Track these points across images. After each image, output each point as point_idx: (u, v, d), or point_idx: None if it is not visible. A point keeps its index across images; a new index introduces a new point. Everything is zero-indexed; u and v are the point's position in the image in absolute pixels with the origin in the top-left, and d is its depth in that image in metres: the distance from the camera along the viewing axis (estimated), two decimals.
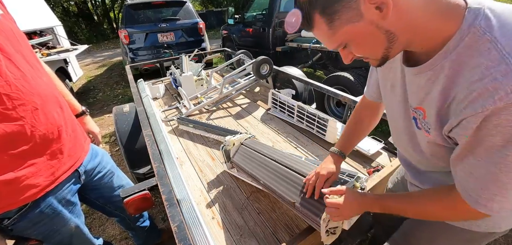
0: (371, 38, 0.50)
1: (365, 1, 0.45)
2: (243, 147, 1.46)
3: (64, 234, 1.05)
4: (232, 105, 2.67)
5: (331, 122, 1.84)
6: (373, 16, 0.46)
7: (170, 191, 1.09)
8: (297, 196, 0.94)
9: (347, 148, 0.98)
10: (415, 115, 0.62)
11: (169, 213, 0.98)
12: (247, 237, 1.20)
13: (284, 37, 4.12)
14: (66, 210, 1.02)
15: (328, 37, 0.54)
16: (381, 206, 0.72)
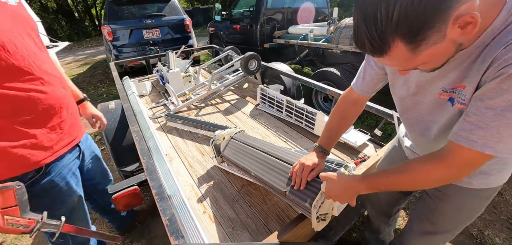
0: (445, 52, 0.50)
1: (454, 24, 0.44)
2: (233, 141, 1.46)
3: (68, 205, 1.10)
4: (221, 101, 2.66)
5: (319, 116, 1.88)
6: (455, 35, 0.46)
7: (160, 185, 1.08)
8: (288, 186, 0.96)
9: (330, 144, 0.99)
10: (452, 94, 0.63)
11: (159, 207, 0.97)
12: (239, 229, 1.21)
13: (271, 33, 4.14)
14: (72, 181, 1.09)
15: (406, 61, 0.51)
16: (372, 185, 0.73)
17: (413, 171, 0.65)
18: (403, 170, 0.67)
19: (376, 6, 0.44)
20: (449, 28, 0.44)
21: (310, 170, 0.90)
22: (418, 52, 0.48)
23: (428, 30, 0.44)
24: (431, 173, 0.63)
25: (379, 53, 0.50)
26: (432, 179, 0.64)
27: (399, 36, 0.45)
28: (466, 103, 0.59)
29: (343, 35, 2.90)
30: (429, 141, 0.78)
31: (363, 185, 0.74)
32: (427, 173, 0.63)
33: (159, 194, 1.04)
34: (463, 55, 0.56)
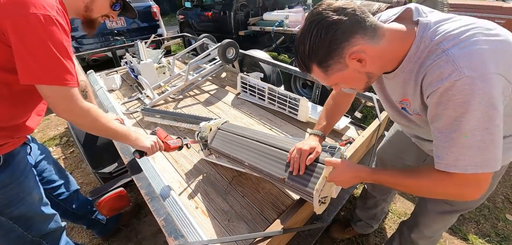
0: (355, 79, 0.69)
1: (349, 58, 0.62)
2: (220, 132, 1.41)
3: (28, 205, 1.00)
4: (200, 92, 2.55)
5: (303, 101, 1.90)
6: (355, 66, 0.64)
7: (149, 184, 1.01)
8: (286, 172, 0.95)
9: (327, 130, 1.06)
10: (403, 105, 0.76)
11: (152, 207, 0.91)
12: (235, 220, 1.19)
13: (246, 21, 4.04)
14: (31, 177, 1.02)
15: (323, 79, 0.71)
16: (375, 179, 0.79)
17: (420, 182, 0.70)
18: (411, 177, 0.72)
19: (301, 42, 0.65)
20: (348, 61, 0.63)
21: (308, 155, 0.90)
22: (329, 75, 0.67)
23: (330, 60, 0.64)
24: (437, 191, 0.70)
25: (307, 71, 0.70)
26: (436, 192, 0.70)
27: (313, 62, 0.66)
28: (420, 113, 0.71)
29: None
30: (418, 129, 0.86)
31: (370, 177, 0.80)
32: (431, 187, 0.68)
33: (149, 194, 0.97)
34: (398, 77, 0.70)
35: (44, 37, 0.70)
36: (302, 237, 1.19)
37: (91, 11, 0.93)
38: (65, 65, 0.76)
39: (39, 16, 0.69)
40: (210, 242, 0.86)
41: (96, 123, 0.91)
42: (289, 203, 1.28)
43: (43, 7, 0.70)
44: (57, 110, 0.82)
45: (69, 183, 1.40)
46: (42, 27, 0.69)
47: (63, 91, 0.78)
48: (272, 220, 1.20)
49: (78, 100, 0.83)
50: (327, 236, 1.70)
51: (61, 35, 0.75)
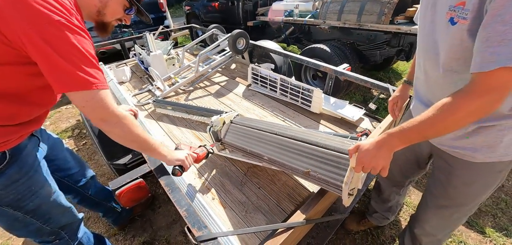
0: None
1: None
2: (234, 125, 1.39)
3: (42, 198, 0.99)
4: (210, 83, 2.53)
5: (316, 92, 1.86)
6: None
7: (169, 176, 1.00)
8: (310, 165, 0.93)
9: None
10: (453, 13, 0.67)
11: (173, 198, 0.90)
12: (252, 212, 1.18)
13: (254, 11, 3.97)
14: (42, 170, 1.00)
15: None
16: (405, 136, 0.69)
17: (444, 111, 0.62)
18: (434, 113, 0.64)
19: None
20: None
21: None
22: None
23: None
24: (463, 108, 0.61)
25: None
26: (464, 113, 0.61)
27: None
28: (468, 18, 0.63)
29: (330, 10, 2.86)
30: (438, 75, 0.79)
31: (396, 138, 0.70)
32: (458, 109, 0.61)
33: (169, 185, 0.97)
34: None
35: (72, 43, 0.68)
36: (321, 228, 1.19)
37: (103, 15, 0.90)
38: (95, 68, 0.74)
39: (63, 23, 0.66)
40: (234, 233, 0.86)
41: (130, 132, 0.89)
42: (306, 195, 1.27)
43: (64, 14, 0.68)
44: (93, 117, 0.80)
45: (85, 170, 1.42)
46: (68, 33, 0.67)
47: (96, 95, 0.76)
48: (290, 211, 1.19)
49: (113, 105, 0.82)
50: (342, 228, 1.69)
51: (86, 40, 0.72)
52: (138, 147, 0.95)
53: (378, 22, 2.49)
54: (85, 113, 0.80)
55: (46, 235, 1.07)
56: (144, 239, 1.63)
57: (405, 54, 2.54)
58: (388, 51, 2.67)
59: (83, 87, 0.72)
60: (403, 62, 4.28)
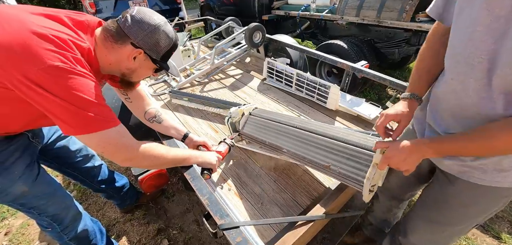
0: None
1: None
2: (252, 117, 1.40)
3: (17, 196, 0.95)
4: (225, 76, 2.54)
5: (333, 89, 1.84)
6: None
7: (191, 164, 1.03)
8: (330, 159, 0.93)
9: (422, 88, 0.81)
10: None
11: (195, 186, 0.92)
12: (267, 204, 1.19)
13: (270, 4, 3.94)
14: (16, 168, 0.92)
15: None
16: (441, 149, 0.67)
17: (494, 138, 0.57)
18: (480, 135, 0.60)
19: None
20: None
21: (391, 120, 0.80)
22: None
23: None
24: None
25: None
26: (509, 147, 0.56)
27: None
28: None
29: (349, 5, 2.80)
30: (485, 98, 0.60)
31: (431, 149, 0.67)
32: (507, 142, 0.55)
33: (191, 173, 0.99)
34: None
35: (68, 87, 0.65)
36: (336, 224, 1.19)
37: (130, 77, 0.90)
38: (97, 109, 0.71)
39: (56, 66, 0.63)
40: (256, 223, 0.87)
41: (158, 158, 0.89)
42: (321, 190, 1.27)
43: (59, 58, 0.65)
44: (117, 159, 0.80)
45: (89, 155, 1.39)
46: (62, 77, 0.64)
47: (111, 135, 0.74)
48: (305, 206, 1.19)
49: (132, 140, 0.82)
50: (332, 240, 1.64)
51: (85, 80, 0.69)
52: (172, 165, 0.98)
53: (399, 19, 2.42)
54: (109, 156, 0.78)
55: (40, 220, 1.08)
56: (159, 226, 1.68)
57: None
58: (407, 49, 2.59)
59: (91, 129, 0.71)
60: None
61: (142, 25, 0.79)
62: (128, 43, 0.79)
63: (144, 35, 0.79)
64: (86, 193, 1.85)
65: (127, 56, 0.81)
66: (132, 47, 0.80)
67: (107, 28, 0.79)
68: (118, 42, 0.79)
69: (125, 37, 0.79)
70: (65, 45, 0.67)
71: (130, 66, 0.85)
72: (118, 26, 0.79)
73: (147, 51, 0.82)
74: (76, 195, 1.85)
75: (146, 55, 0.84)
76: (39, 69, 0.62)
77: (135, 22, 0.78)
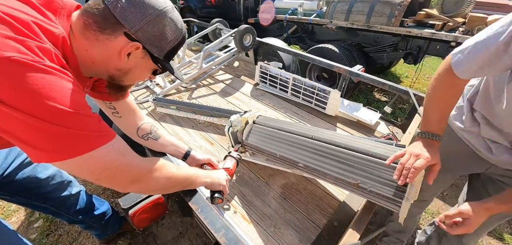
0: None
1: None
2: (257, 126, 1.26)
3: None
4: (213, 82, 2.37)
5: (333, 94, 1.76)
6: None
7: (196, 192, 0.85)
8: (359, 176, 0.82)
9: (443, 128, 0.76)
10: None
11: (205, 218, 0.75)
12: (281, 226, 1.05)
13: (255, 7, 3.83)
14: None
15: None
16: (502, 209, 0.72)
17: None
18: None
19: None
20: None
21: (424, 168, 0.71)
22: None
23: None
24: None
25: None
26: None
27: None
28: None
29: (337, 10, 2.78)
30: None
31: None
32: None
33: (197, 202, 0.82)
34: None
35: (32, 91, 0.43)
36: None
37: (120, 80, 0.67)
38: (80, 121, 0.50)
39: (10, 59, 0.41)
40: None
41: (170, 179, 0.70)
42: (336, 206, 1.16)
43: (15, 48, 0.42)
44: (118, 184, 0.60)
45: (66, 186, 1.15)
46: (21, 77, 0.42)
47: (105, 154, 0.54)
48: (322, 225, 1.08)
49: (135, 156, 0.62)
50: None
51: (56, 79, 0.47)
52: (181, 188, 0.78)
53: (388, 24, 2.44)
54: (108, 183, 0.59)
55: None
56: None
57: (413, 57, 2.52)
58: (396, 54, 2.63)
59: (74, 152, 0.50)
60: (400, 65, 4.33)
61: (142, 9, 0.56)
62: (120, 33, 0.56)
63: (145, 23, 0.57)
64: (55, 222, 1.55)
65: (118, 51, 0.58)
66: (126, 39, 0.57)
67: (89, 11, 0.55)
68: (105, 31, 0.55)
69: (117, 25, 0.55)
70: (25, 29, 0.46)
71: (122, 65, 0.61)
72: (106, 8, 0.55)
73: (147, 45, 0.60)
74: (43, 226, 1.54)
75: (145, 51, 0.61)
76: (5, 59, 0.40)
77: (133, 3, 0.55)
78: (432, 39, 2.28)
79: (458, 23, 2.26)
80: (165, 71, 0.71)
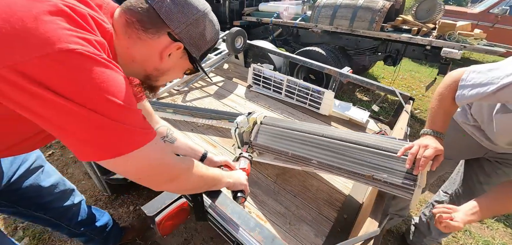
0: None
1: None
2: (264, 126, 1.28)
3: None
4: (206, 84, 2.34)
5: (327, 94, 1.85)
6: None
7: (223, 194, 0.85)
8: (372, 169, 0.89)
9: (446, 128, 0.89)
10: None
11: (238, 218, 0.76)
12: (295, 223, 1.09)
13: (240, 10, 3.85)
14: None
15: None
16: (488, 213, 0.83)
17: None
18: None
19: None
20: None
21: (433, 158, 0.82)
22: None
23: None
24: None
25: None
26: None
27: None
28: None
29: (322, 14, 2.92)
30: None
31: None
32: None
33: (224, 202, 0.82)
34: None
35: (93, 84, 0.43)
36: None
37: (157, 80, 0.66)
38: (133, 117, 0.49)
39: (73, 51, 0.40)
40: None
41: (201, 177, 0.70)
42: (342, 199, 1.23)
43: (76, 41, 0.42)
44: (154, 182, 0.59)
45: (67, 196, 1.07)
46: (82, 70, 0.42)
47: (151, 151, 0.53)
48: (333, 218, 1.13)
49: (170, 153, 0.61)
50: None
51: (114, 74, 0.46)
52: (208, 188, 0.78)
53: (370, 29, 2.62)
54: (146, 181, 0.57)
55: None
56: None
57: (392, 59, 2.73)
58: (377, 56, 2.83)
59: (128, 148, 0.48)
60: (377, 66, 4.64)
61: (186, 10, 0.57)
62: (164, 33, 0.57)
63: (188, 23, 0.58)
64: (43, 238, 1.41)
65: (159, 51, 0.58)
66: (168, 39, 0.57)
67: (132, 10, 0.55)
68: (149, 30, 0.55)
69: (161, 25, 0.55)
70: (84, 22, 0.45)
71: (161, 66, 0.61)
72: (150, 7, 0.54)
73: (188, 46, 0.60)
74: (30, 244, 1.40)
75: (184, 52, 0.62)
76: (42, 55, 0.38)
77: (177, 4, 0.56)
78: (409, 43, 2.50)
79: (430, 28, 2.51)
80: (197, 72, 0.71)
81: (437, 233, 1.29)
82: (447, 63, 2.25)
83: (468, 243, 1.60)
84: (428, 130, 0.88)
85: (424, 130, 0.89)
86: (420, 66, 5.06)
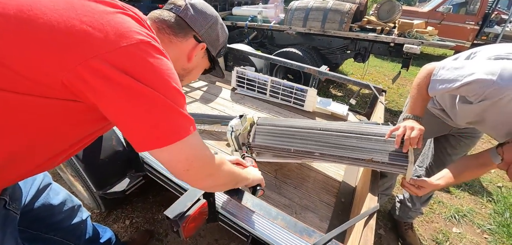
0: None
1: None
2: (261, 127, 1.34)
3: None
4: (189, 89, 2.33)
5: (311, 92, 1.99)
6: None
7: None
8: (369, 153, 1.00)
9: (423, 112, 1.03)
10: None
11: (260, 210, 0.81)
12: (301, 212, 1.18)
13: None
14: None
15: None
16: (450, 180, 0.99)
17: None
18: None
19: None
20: None
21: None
22: None
23: None
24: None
25: None
26: None
27: None
28: None
29: (295, 17, 3.08)
30: None
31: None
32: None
33: (248, 199, 0.87)
34: None
35: (163, 70, 0.47)
36: None
37: (182, 80, 0.70)
38: (184, 103, 0.52)
39: (148, 42, 0.46)
40: (342, 227, 0.81)
41: (232, 174, 0.73)
42: (337, 185, 1.35)
43: (145, 33, 0.47)
44: (198, 177, 0.59)
45: (73, 208, 1.00)
46: (156, 58, 0.46)
47: (195, 141, 0.53)
48: (333, 203, 1.24)
49: (207, 148, 0.61)
50: None
51: (170, 63, 0.50)
52: (232, 186, 0.81)
53: (340, 29, 2.84)
54: (193, 174, 0.56)
55: None
56: None
57: (361, 57, 2.99)
58: (348, 54, 3.08)
59: (183, 133, 0.49)
60: (347, 64, 5.00)
61: (205, 16, 0.67)
62: (190, 36, 0.66)
63: (208, 26, 0.68)
64: None
65: (188, 52, 0.67)
66: (194, 41, 0.67)
67: (161, 19, 0.63)
68: (179, 34, 0.64)
69: (188, 29, 0.65)
70: (142, 20, 0.51)
71: (187, 65, 0.69)
72: (177, 16, 0.64)
73: (209, 46, 0.70)
74: None
75: (205, 51, 0.72)
76: (126, 45, 0.43)
77: (198, 12, 0.66)
78: (375, 41, 2.77)
79: (391, 27, 2.81)
80: (213, 70, 0.82)
81: (419, 203, 1.48)
82: (408, 57, 2.55)
83: (443, 212, 1.84)
84: (410, 115, 1.01)
85: (406, 115, 1.03)
86: (383, 62, 5.58)
